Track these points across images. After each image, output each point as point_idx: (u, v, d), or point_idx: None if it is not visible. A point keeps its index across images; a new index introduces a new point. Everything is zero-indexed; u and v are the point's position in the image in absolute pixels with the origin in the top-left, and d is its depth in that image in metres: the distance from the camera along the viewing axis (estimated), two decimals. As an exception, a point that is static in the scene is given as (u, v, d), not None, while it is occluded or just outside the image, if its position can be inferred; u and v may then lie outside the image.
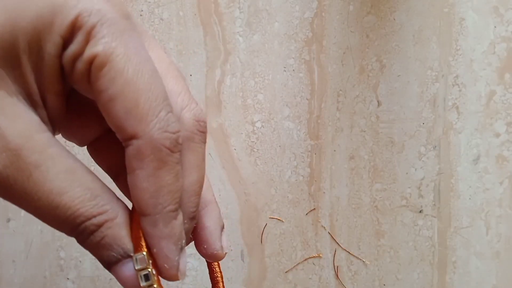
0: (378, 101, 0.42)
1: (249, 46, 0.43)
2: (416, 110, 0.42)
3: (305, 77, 0.43)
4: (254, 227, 0.43)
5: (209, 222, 0.24)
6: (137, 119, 0.18)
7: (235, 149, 0.43)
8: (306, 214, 0.43)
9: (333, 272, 0.43)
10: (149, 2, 0.43)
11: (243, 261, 0.43)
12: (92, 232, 0.19)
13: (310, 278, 0.43)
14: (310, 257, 0.43)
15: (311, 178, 0.43)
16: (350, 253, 0.43)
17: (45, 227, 0.43)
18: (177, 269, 0.20)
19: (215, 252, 0.24)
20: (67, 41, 0.18)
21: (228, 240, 0.25)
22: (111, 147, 0.23)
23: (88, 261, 0.43)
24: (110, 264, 0.20)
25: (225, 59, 0.43)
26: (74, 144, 0.24)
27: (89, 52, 0.18)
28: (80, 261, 0.43)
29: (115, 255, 0.19)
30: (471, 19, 0.42)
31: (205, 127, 0.22)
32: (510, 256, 0.42)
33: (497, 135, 0.42)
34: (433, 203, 0.42)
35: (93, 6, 0.18)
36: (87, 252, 0.20)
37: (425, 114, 0.42)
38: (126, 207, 0.20)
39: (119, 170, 0.24)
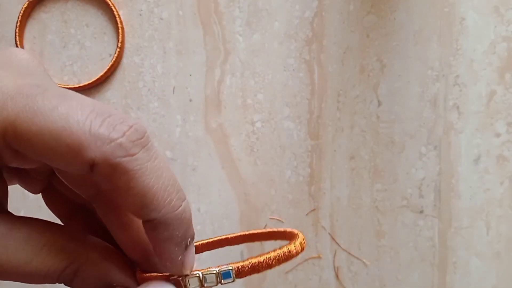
0: (378, 101, 0.42)
1: (249, 46, 0.42)
2: (417, 110, 0.42)
3: (305, 77, 0.42)
4: (254, 227, 0.43)
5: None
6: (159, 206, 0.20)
7: (235, 149, 0.43)
8: (306, 214, 0.43)
9: (334, 273, 0.43)
10: (149, 1, 0.43)
11: (243, 261, 0.43)
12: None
13: (310, 278, 0.43)
14: (310, 258, 0.43)
15: (311, 178, 0.43)
16: (351, 254, 0.43)
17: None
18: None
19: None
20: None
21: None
22: (61, 194, 0.24)
23: (87, 261, 0.43)
24: None
25: (225, 58, 0.43)
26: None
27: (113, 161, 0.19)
28: (79, 262, 0.43)
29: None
30: (471, 19, 0.42)
31: None
32: (511, 256, 0.42)
33: (498, 135, 0.42)
34: (434, 203, 0.42)
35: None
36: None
37: (426, 114, 0.42)
38: None
39: (71, 215, 0.25)
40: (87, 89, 0.43)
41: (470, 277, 0.42)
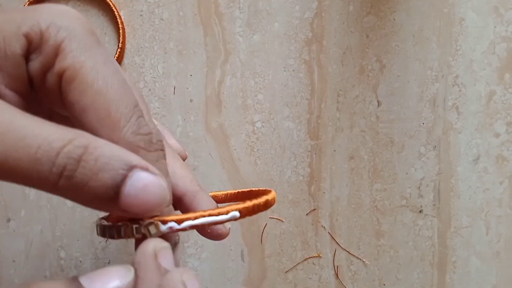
0: (378, 101, 0.42)
1: (249, 46, 0.43)
2: (416, 110, 0.42)
3: (305, 77, 0.43)
4: (254, 227, 0.43)
5: (204, 206, 0.25)
6: (110, 127, 0.19)
7: (235, 149, 0.43)
8: (306, 214, 0.43)
9: (333, 272, 0.43)
10: (149, 2, 0.43)
11: (243, 261, 0.43)
12: (80, 157, 0.17)
13: (310, 278, 0.43)
14: (310, 257, 0.43)
15: (311, 178, 0.43)
16: (350, 253, 0.43)
17: (45, 227, 0.43)
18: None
19: (220, 231, 0.25)
20: (32, 47, 0.19)
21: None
22: None
23: (89, 261, 0.43)
24: (117, 185, 0.18)
25: (225, 59, 0.43)
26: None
27: (58, 65, 0.19)
28: (81, 261, 0.43)
29: (121, 170, 0.18)
30: (471, 19, 0.42)
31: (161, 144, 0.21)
32: (510, 256, 0.42)
33: (497, 135, 0.42)
34: (433, 203, 0.42)
35: (62, 21, 0.19)
36: (87, 252, 0.19)
37: (425, 114, 0.42)
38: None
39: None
40: (88, 90, 0.43)
41: (470, 276, 0.42)
